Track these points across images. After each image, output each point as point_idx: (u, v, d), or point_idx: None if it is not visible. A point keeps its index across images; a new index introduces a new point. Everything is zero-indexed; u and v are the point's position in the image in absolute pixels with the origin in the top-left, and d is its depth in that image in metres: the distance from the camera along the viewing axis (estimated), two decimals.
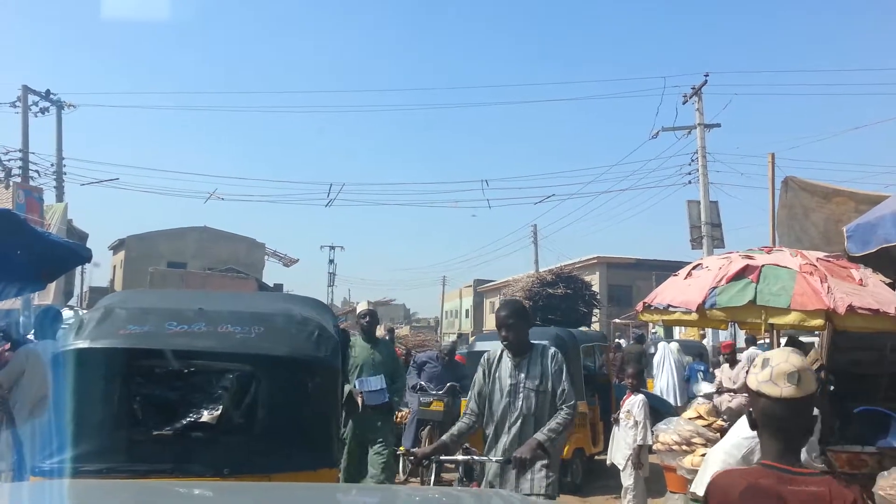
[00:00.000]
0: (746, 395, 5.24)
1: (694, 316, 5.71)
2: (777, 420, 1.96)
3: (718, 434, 7.22)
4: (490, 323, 46.00)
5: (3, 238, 4.74)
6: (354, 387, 6.04)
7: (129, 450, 3.25)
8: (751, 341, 12.92)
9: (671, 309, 5.92)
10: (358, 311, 6.43)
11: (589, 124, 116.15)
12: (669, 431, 7.08)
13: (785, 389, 1.94)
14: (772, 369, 1.98)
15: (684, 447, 6.89)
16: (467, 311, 57.52)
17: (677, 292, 6.00)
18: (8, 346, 5.68)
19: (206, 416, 3.29)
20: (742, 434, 4.54)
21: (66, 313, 12.35)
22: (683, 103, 21.45)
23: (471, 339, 18.07)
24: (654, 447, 6.80)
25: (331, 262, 53.99)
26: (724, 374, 9.61)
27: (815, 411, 2.06)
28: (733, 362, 9.71)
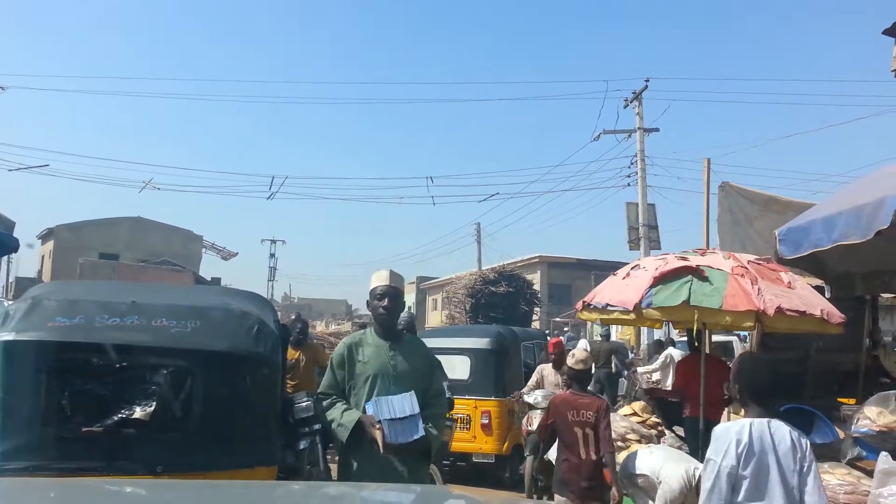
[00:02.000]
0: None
1: (631, 315, 5.84)
2: (577, 378, 5.18)
3: (653, 431, 7.41)
4: (433, 320, 46.11)
5: None
6: (365, 411, 3.63)
7: (57, 447, 3.13)
8: (669, 343, 13.28)
9: (609, 308, 6.04)
10: (372, 287, 3.90)
11: (533, 125, 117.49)
12: None
13: (578, 366, 5.15)
14: (575, 357, 5.21)
15: (619, 443, 7.03)
16: (410, 307, 57.49)
17: (615, 292, 6.13)
18: None
19: (138, 412, 3.20)
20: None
21: None
22: (625, 107, 21.93)
23: None
24: None
25: (272, 256, 53.33)
26: (544, 375, 8.25)
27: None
28: (559, 363, 7.98)
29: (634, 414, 7.77)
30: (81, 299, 3.58)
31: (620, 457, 6.23)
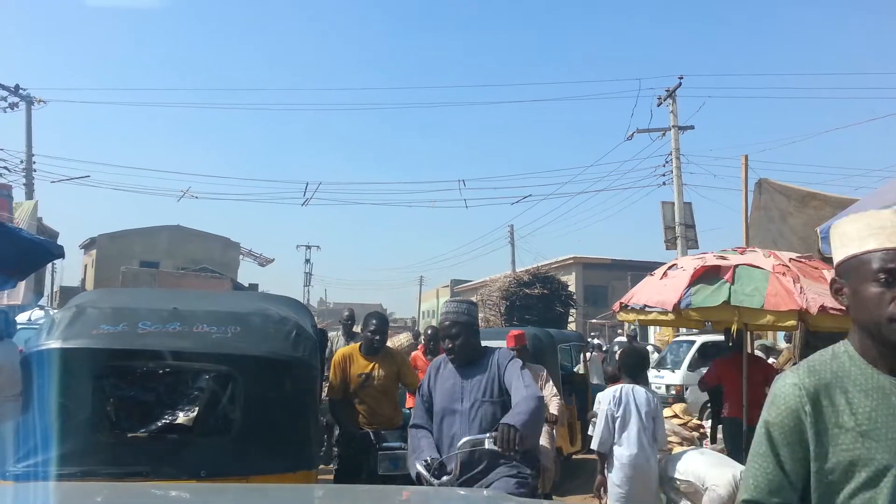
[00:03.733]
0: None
1: (670, 316, 5.76)
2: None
3: (695, 433, 7.30)
4: None
5: None
6: None
7: (103, 452, 3.19)
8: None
9: (647, 309, 5.97)
10: (860, 252, 1.66)
11: (565, 125, 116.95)
12: None
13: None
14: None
15: None
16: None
17: (653, 292, 6.05)
18: None
19: (181, 417, 3.25)
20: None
21: (37, 313, 12.15)
22: (658, 105, 21.66)
23: None
24: None
25: (307, 261, 54.01)
26: None
27: None
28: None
29: (675, 416, 7.67)
30: (124, 307, 3.64)
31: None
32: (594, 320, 29.22)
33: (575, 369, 10.37)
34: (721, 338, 14.24)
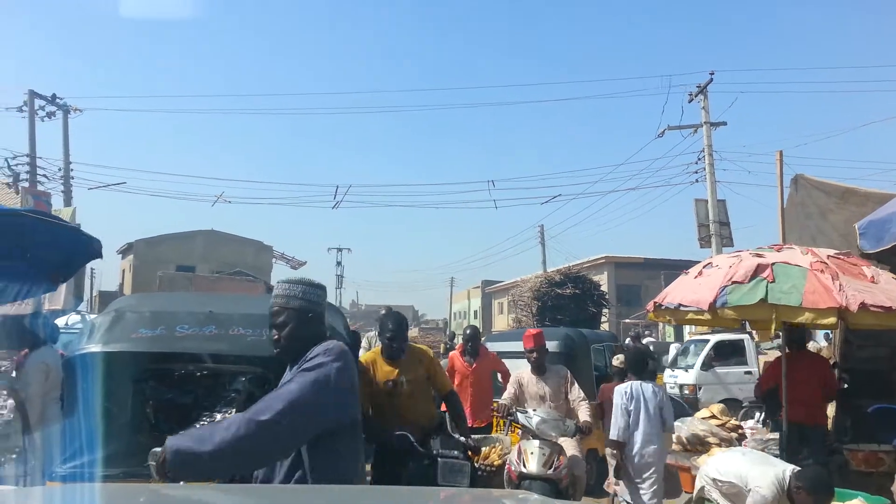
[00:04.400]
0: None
1: (706, 315, 5.68)
2: (619, 373, 7.02)
3: (733, 434, 7.18)
4: (499, 324, 46.01)
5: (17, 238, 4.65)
6: None
7: (142, 454, 3.25)
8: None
9: (682, 308, 5.89)
10: None
11: (595, 124, 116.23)
12: (683, 431, 7.03)
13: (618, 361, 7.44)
14: (619, 359, 7.34)
15: (699, 447, 6.84)
16: (476, 311, 57.52)
17: (688, 291, 5.97)
18: (26, 350, 5.66)
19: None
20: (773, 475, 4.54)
21: (73, 317, 12.40)
22: (689, 102, 21.42)
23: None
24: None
25: (338, 264, 54.48)
26: (524, 383, 6.20)
27: None
28: (541, 365, 6.29)
29: (713, 417, 7.55)
30: (162, 311, 3.71)
31: (701, 460, 6.06)
32: (628, 320, 28.93)
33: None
34: (734, 336, 14.13)
